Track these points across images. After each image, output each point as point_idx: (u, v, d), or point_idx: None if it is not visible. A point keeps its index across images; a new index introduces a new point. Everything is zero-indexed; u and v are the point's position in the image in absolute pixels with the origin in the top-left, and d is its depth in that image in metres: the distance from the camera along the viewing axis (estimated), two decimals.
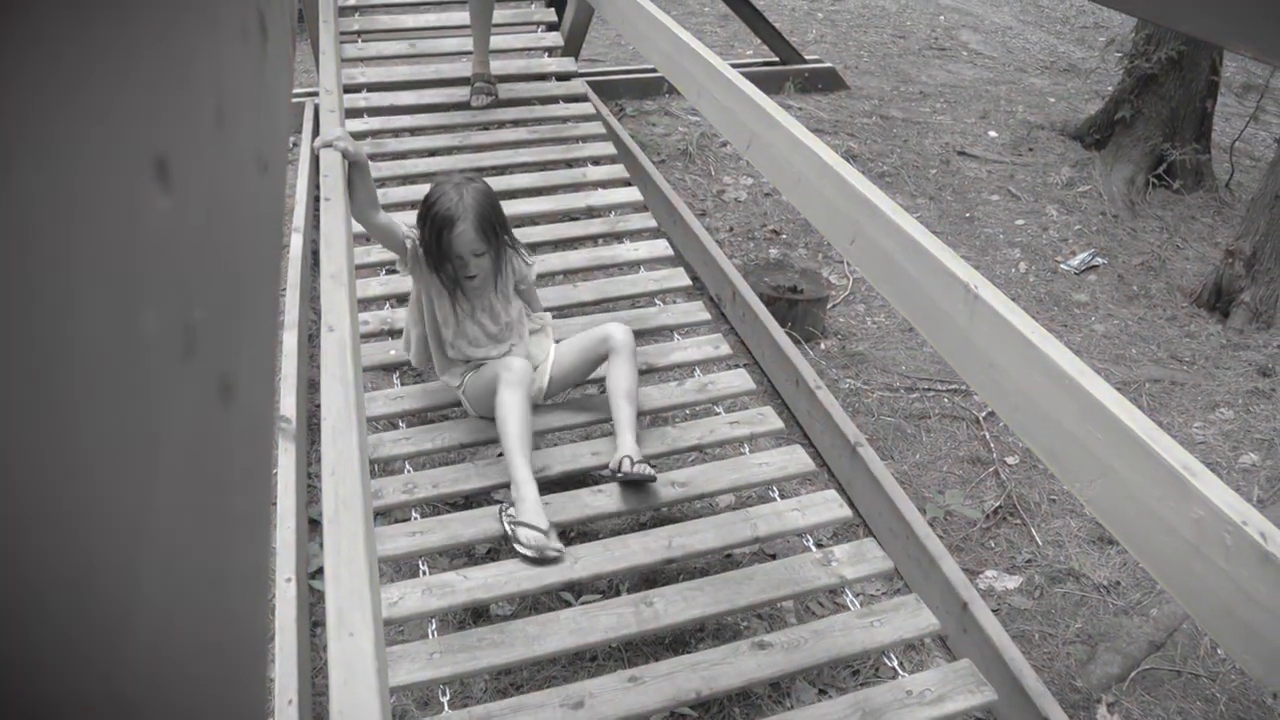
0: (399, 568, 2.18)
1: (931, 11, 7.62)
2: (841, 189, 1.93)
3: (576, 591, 2.19)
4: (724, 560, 2.28)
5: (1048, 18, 7.95)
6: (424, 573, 2.04)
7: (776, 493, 2.26)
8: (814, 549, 2.10)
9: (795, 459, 2.31)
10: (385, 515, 2.26)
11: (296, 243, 3.38)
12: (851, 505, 2.61)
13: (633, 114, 4.95)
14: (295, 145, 4.27)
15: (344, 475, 1.09)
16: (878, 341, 3.40)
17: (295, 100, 4.47)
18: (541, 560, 2.04)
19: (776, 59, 5.44)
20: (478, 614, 2.15)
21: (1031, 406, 1.53)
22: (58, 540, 0.18)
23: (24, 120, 0.21)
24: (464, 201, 2.23)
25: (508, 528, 2.09)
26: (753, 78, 2.52)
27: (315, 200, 3.62)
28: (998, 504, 2.65)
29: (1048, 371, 1.47)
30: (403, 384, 2.66)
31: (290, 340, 2.85)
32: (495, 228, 2.28)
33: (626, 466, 2.15)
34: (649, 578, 2.20)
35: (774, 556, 2.29)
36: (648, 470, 2.17)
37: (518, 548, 2.04)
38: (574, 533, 2.27)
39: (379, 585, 1.14)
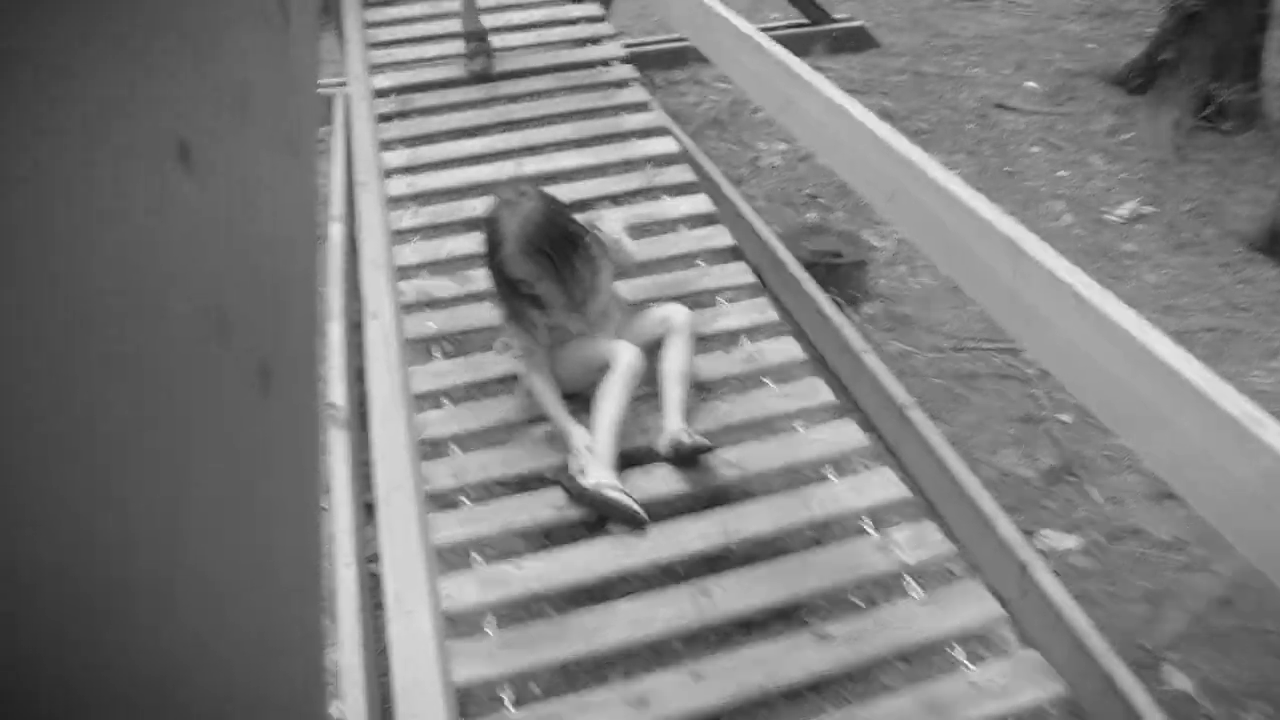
0: (452, 557, 2.20)
1: None
2: (879, 149, 1.89)
3: (631, 582, 2.17)
4: (780, 544, 2.25)
5: None
6: (477, 563, 2.04)
7: (831, 471, 2.22)
8: (873, 532, 2.07)
9: (848, 434, 2.27)
10: (435, 500, 2.27)
11: (336, 231, 3.40)
12: (903, 467, 2.59)
13: (662, 84, 4.90)
14: (327, 135, 4.28)
15: (394, 459, 1.09)
16: (923, 302, 3.35)
17: (325, 91, 4.48)
18: (629, 516, 2.04)
19: (805, 20, 5.34)
20: (533, 606, 2.15)
21: (1084, 361, 1.50)
22: (97, 529, 0.18)
23: (49, 110, 0.21)
24: (508, 224, 2.15)
25: (589, 484, 2.07)
26: (781, 41, 2.48)
27: (353, 188, 3.64)
28: (1053, 463, 2.60)
29: (1099, 325, 1.43)
30: (444, 357, 2.65)
31: (336, 329, 2.87)
32: (545, 249, 2.15)
33: (685, 440, 2.14)
34: (705, 564, 2.18)
35: (831, 541, 2.26)
36: (704, 440, 2.16)
37: (607, 497, 2.03)
38: (609, 533, 2.25)
39: (435, 562, 1.14)
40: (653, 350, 2.41)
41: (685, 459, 2.18)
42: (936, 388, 2.91)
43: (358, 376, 3.02)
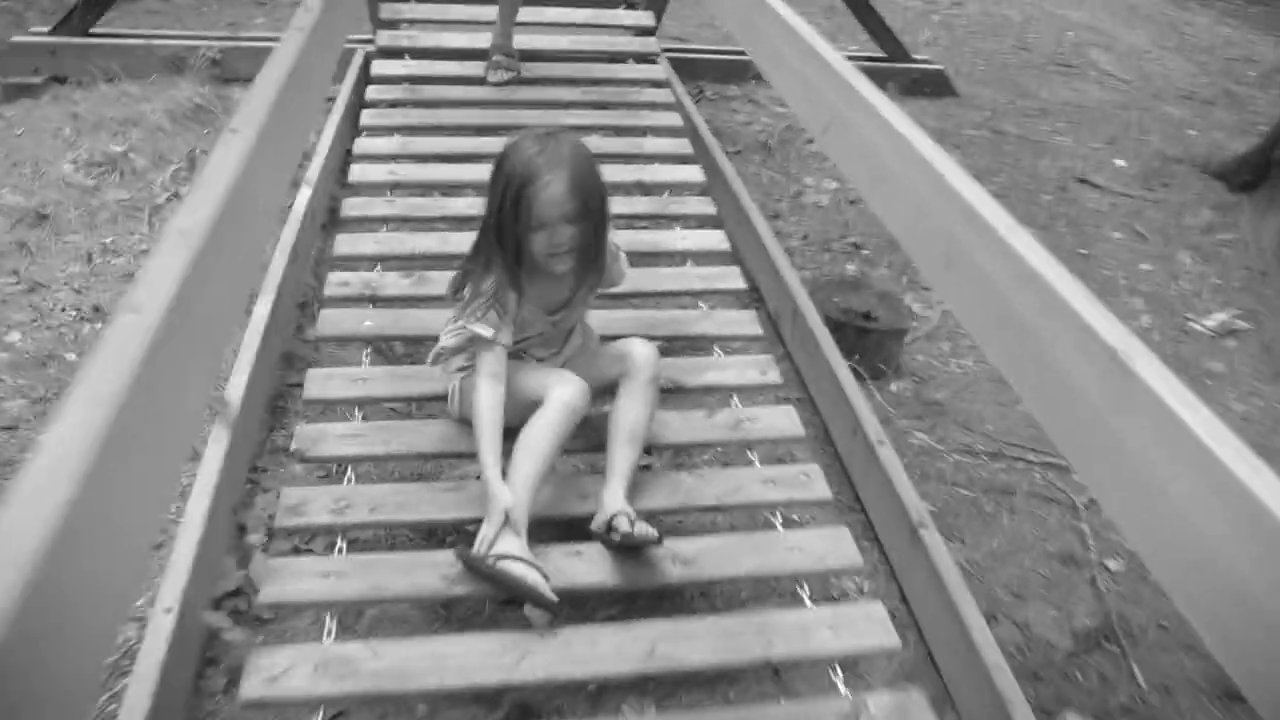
0: (300, 621, 1.73)
1: (1059, 26, 6.91)
2: (939, 192, 1.40)
3: (520, 704, 1.68)
4: (721, 686, 1.75)
5: (1190, 45, 7.17)
6: (328, 634, 1.57)
7: (806, 592, 1.72)
8: (842, 689, 1.56)
9: (839, 549, 1.76)
10: (296, 536, 1.81)
11: (303, 197, 2.96)
12: (903, 596, 2.08)
13: (713, 98, 4.45)
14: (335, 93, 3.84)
15: (20, 546, 0.61)
16: (961, 390, 2.84)
17: (346, 46, 4.06)
18: (535, 598, 1.56)
19: (882, 55, 4.87)
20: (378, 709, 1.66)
21: (1198, 546, 0.99)
22: None
23: None
24: (556, 151, 1.70)
25: (489, 559, 1.60)
26: None
27: (346, 154, 3.21)
28: (1091, 623, 2.08)
29: (1238, 505, 0.93)
30: (372, 363, 2.19)
31: (263, 308, 2.42)
32: (595, 192, 1.73)
33: (623, 527, 1.65)
34: (619, 694, 1.69)
35: (790, 693, 1.75)
36: (649, 531, 1.67)
37: (508, 573, 1.55)
38: (527, 620, 1.76)
39: None
40: (605, 390, 1.94)
41: (622, 548, 1.69)
42: (961, 500, 2.40)
43: (283, 363, 2.57)
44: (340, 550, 1.72)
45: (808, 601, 1.70)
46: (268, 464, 2.21)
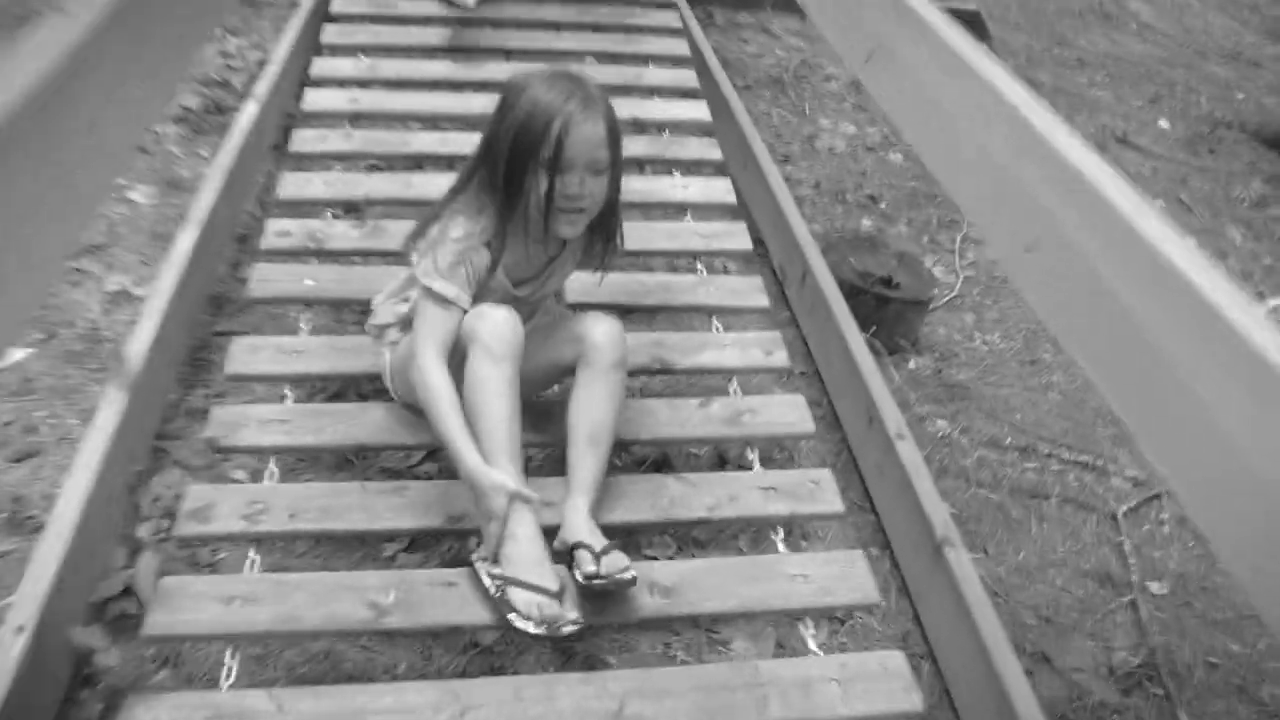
0: (193, 660, 1.42)
1: None
2: (1025, 147, 1.06)
3: None
4: None
5: (1233, 1, 6.73)
6: (226, 678, 1.25)
7: (810, 634, 1.41)
8: None
9: (851, 578, 1.44)
10: (196, 546, 1.49)
11: (248, 115, 2.57)
12: (917, 618, 1.79)
13: (722, 25, 4.03)
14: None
15: None
16: (987, 370, 2.52)
17: None
18: (553, 638, 1.28)
19: None
20: None
21: None
22: None
23: None
24: (589, 92, 1.42)
25: (489, 584, 1.31)
26: None
27: (303, 73, 2.81)
28: (1133, 659, 1.79)
29: None
30: (311, 333, 1.86)
31: (186, 241, 2.06)
32: (620, 153, 1.49)
33: (586, 567, 1.32)
34: None
35: None
36: (618, 570, 1.32)
37: (514, 621, 1.27)
38: (476, 646, 1.46)
39: None
40: (558, 377, 1.62)
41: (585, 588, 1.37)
42: (984, 502, 2.09)
43: (210, 307, 2.23)
44: (252, 565, 1.41)
45: (811, 644, 1.40)
46: (180, 429, 1.88)
